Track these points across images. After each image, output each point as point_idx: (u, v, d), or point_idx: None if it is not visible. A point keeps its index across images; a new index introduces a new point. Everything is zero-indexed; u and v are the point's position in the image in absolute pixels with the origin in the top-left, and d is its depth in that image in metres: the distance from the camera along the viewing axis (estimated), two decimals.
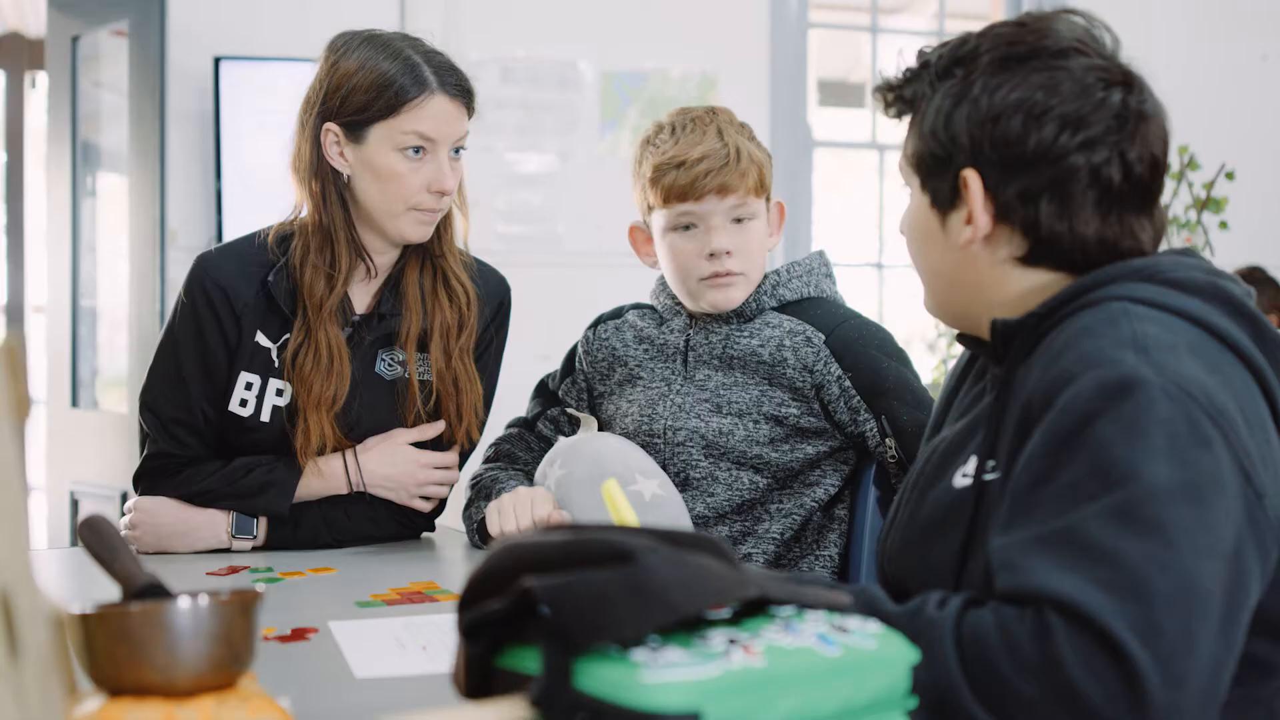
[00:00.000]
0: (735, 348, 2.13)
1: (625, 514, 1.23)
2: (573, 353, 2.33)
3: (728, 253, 2.07)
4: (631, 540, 0.96)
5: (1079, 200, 1.35)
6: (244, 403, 2.13)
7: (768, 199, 2.14)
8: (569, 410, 2.30)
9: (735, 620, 1.03)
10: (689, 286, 2.13)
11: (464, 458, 2.26)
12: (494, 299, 2.26)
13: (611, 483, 1.25)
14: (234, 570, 1.98)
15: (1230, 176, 4.70)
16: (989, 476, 1.34)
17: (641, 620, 0.92)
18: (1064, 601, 1.13)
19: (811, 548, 2.12)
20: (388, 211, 2.08)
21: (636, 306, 2.30)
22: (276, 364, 2.12)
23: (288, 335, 2.12)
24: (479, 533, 2.11)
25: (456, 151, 2.10)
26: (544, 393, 2.36)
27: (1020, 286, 1.40)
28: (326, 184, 2.08)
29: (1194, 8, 5.14)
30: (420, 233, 2.11)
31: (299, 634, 1.55)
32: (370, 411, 2.16)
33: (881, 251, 5.55)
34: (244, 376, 2.13)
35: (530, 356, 4.48)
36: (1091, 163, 1.34)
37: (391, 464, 2.15)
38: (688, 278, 2.12)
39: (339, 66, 2.06)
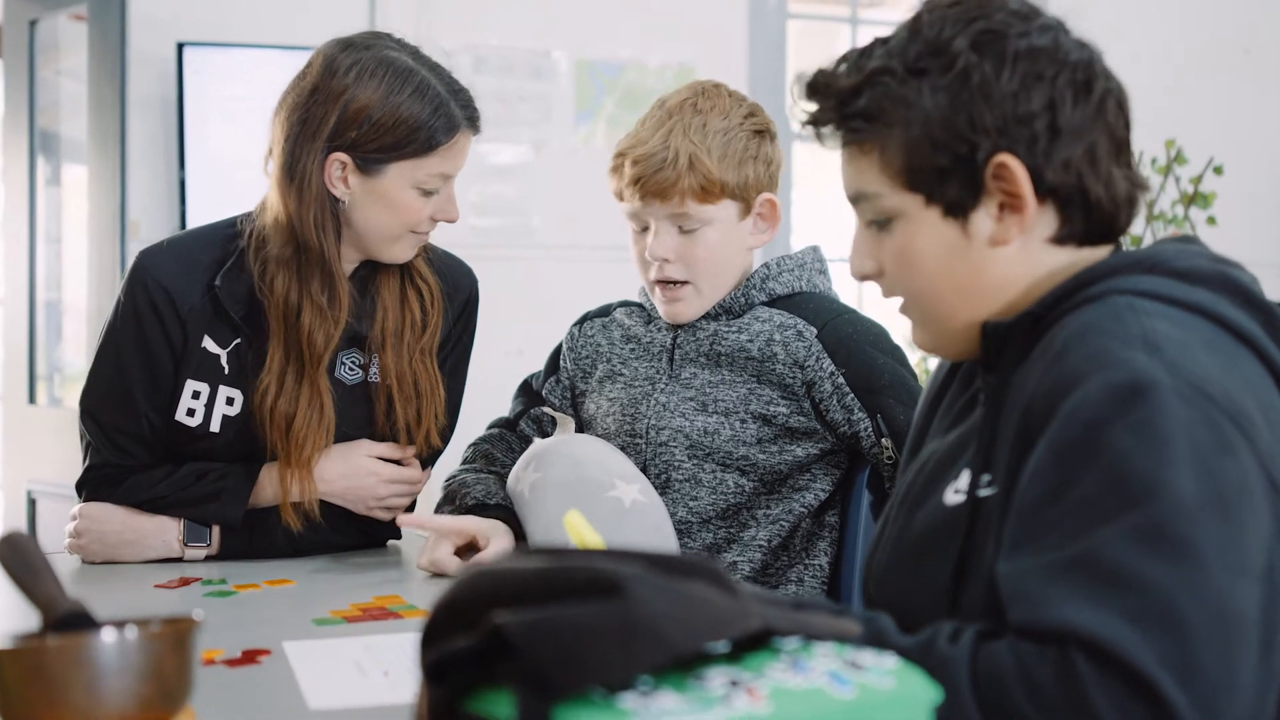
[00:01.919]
0: (723, 344, 2.02)
1: (591, 543, 1.13)
2: (557, 351, 2.23)
3: (666, 260, 1.98)
4: (618, 568, 0.84)
5: (1104, 158, 1.27)
6: (191, 412, 2.00)
7: (745, 202, 2.01)
8: (548, 410, 2.19)
9: (734, 655, 0.91)
10: (648, 285, 2.06)
11: (431, 460, 2.13)
12: (461, 293, 2.14)
13: (574, 514, 1.15)
14: (185, 582, 1.85)
15: (1219, 171, 4.60)
16: (984, 492, 1.22)
17: (631, 661, 0.81)
18: (1090, 638, 1.01)
19: (800, 556, 2.00)
20: (386, 237, 1.97)
21: (625, 304, 2.19)
22: (227, 371, 1.99)
23: (239, 340, 1.99)
24: None
25: None
26: (527, 391, 2.25)
27: (1049, 268, 1.28)
28: (325, 213, 1.94)
29: (1176, 3, 5.06)
30: (408, 255, 2.02)
31: (249, 657, 1.42)
32: (333, 416, 2.03)
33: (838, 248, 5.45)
34: (191, 385, 2.00)
35: (502, 353, 4.39)
36: (1106, 118, 1.27)
37: (349, 475, 2.03)
38: (644, 275, 2.05)
39: (355, 97, 1.89)
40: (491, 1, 4.56)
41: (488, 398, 2.27)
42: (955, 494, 1.26)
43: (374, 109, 1.89)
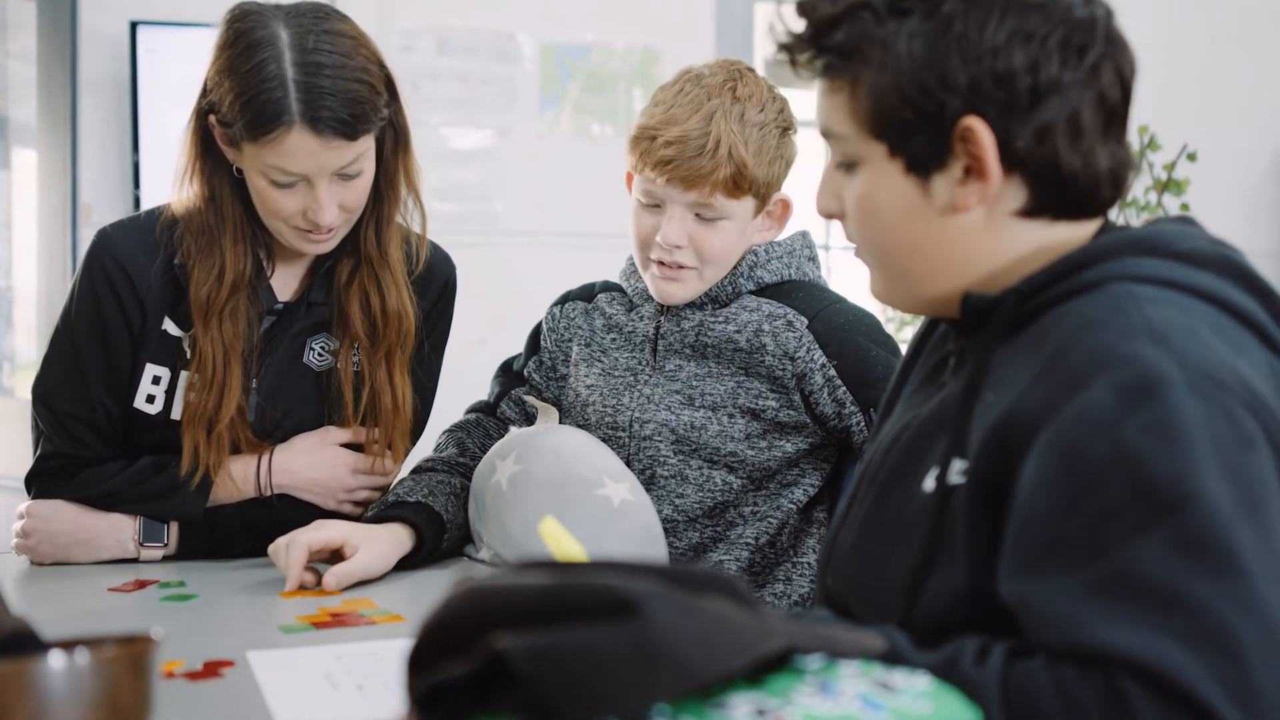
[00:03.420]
0: (709, 334, 1.93)
1: (573, 553, 1.05)
2: (537, 331, 2.14)
3: (678, 246, 1.89)
4: (633, 585, 0.75)
5: (1090, 130, 1.16)
6: (151, 399, 1.90)
7: (763, 200, 1.91)
8: (530, 399, 2.08)
9: (755, 678, 0.82)
10: (641, 260, 1.96)
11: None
12: (437, 279, 2.04)
13: (550, 522, 1.07)
14: (141, 585, 1.75)
15: (1192, 158, 4.56)
16: (956, 479, 1.13)
17: (649, 689, 0.72)
18: (1139, 662, 0.93)
19: (787, 553, 1.93)
20: (266, 219, 1.85)
21: (607, 288, 2.10)
22: (189, 355, 1.89)
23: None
24: None
25: (354, 175, 1.83)
26: (507, 373, 2.16)
27: (1021, 244, 1.19)
28: (217, 173, 1.84)
29: None
30: (314, 249, 1.87)
31: (211, 669, 1.33)
32: (299, 405, 1.95)
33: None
34: (150, 369, 1.89)
35: (465, 342, 4.28)
36: (1099, 86, 1.16)
37: (318, 466, 1.93)
38: (642, 252, 1.94)
39: (213, 61, 1.78)
40: None
41: (450, 387, 2.17)
42: (934, 480, 1.17)
43: (217, 79, 1.77)
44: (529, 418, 2.08)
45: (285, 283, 1.95)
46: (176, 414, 1.89)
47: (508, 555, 1.83)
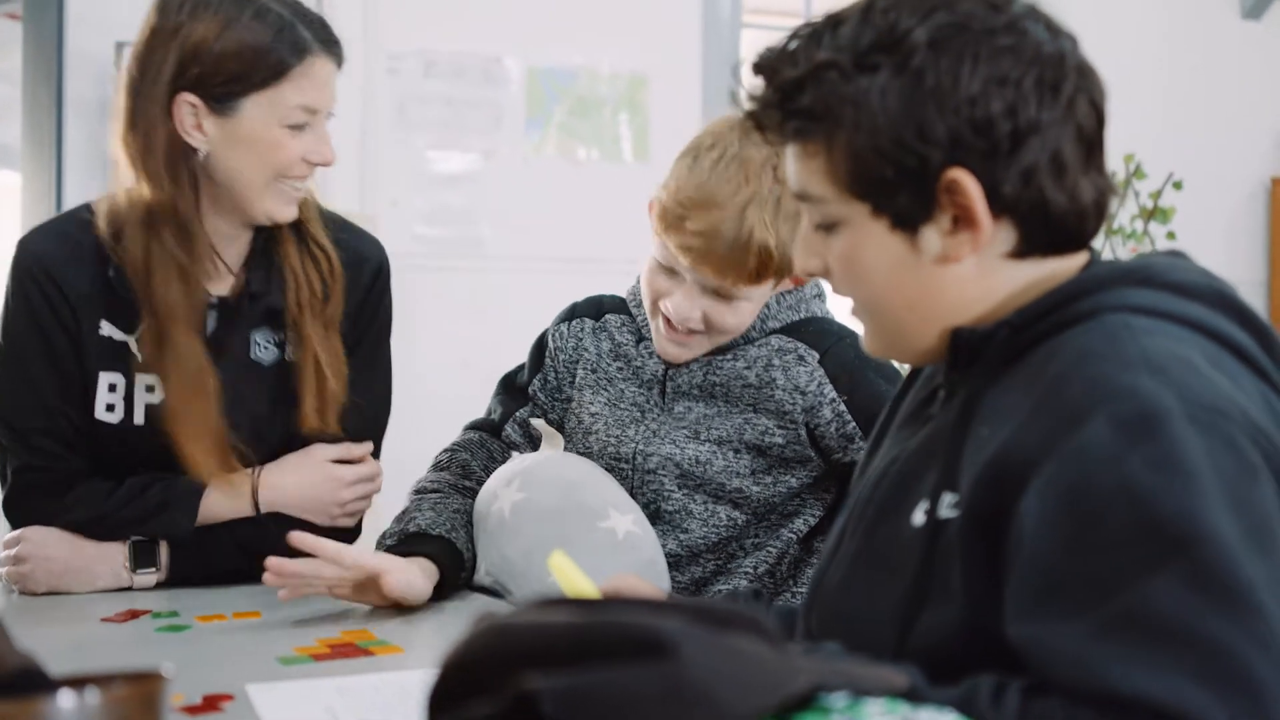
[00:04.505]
0: (718, 373, 1.89)
1: (583, 589, 1.04)
2: (542, 344, 2.06)
3: (690, 319, 1.83)
4: (663, 623, 0.74)
5: (1072, 165, 1.15)
6: (110, 407, 1.87)
7: (782, 278, 1.84)
8: (538, 423, 2.03)
9: (782, 717, 0.80)
10: (650, 309, 1.89)
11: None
12: (370, 264, 1.99)
13: (560, 556, 1.07)
14: (133, 615, 1.72)
15: (1178, 186, 4.58)
16: (947, 513, 1.11)
17: None
18: (1161, 706, 0.92)
19: (787, 582, 1.90)
20: (254, 186, 1.82)
21: (616, 308, 2.03)
22: (141, 358, 1.86)
23: (145, 324, 1.84)
24: None
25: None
26: (510, 389, 2.08)
27: (1013, 283, 1.17)
28: (178, 164, 1.81)
29: (1137, 15, 5.02)
30: (287, 212, 1.86)
31: (211, 703, 1.30)
32: (254, 403, 1.90)
33: None
34: (105, 377, 1.87)
35: (448, 365, 4.28)
36: (1076, 120, 1.14)
37: (311, 484, 1.91)
38: (652, 303, 1.88)
39: (192, 31, 1.77)
40: (441, 6, 4.46)
41: (435, 408, 2.14)
42: (924, 515, 1.15)
43: (213, 40, 1.76)
44: (534, 440, 2.05)
45: (217, 285, 1.91)
46: (139, 419, 1.86)
47: (508, 583, 1.81)
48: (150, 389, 1.87)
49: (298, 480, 1.91)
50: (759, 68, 1.20)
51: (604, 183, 4.56)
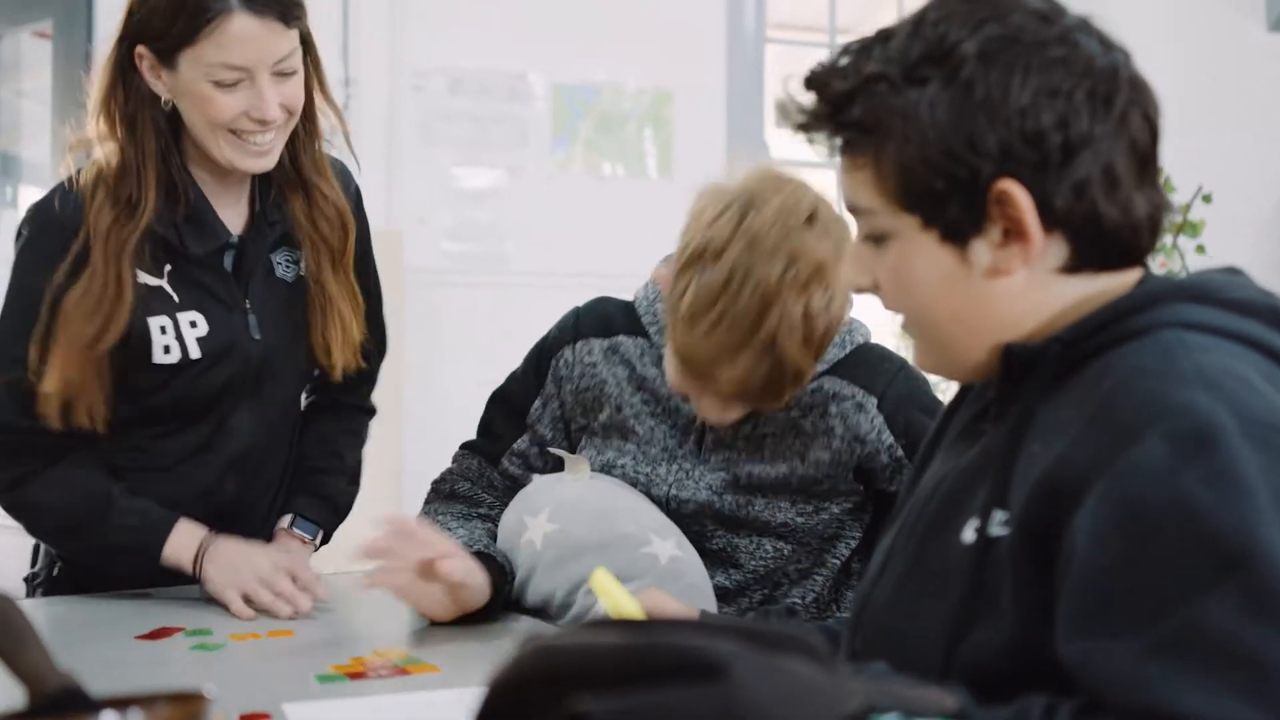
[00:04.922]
0: (767, 426, 1.80)
1: (627, 608, 1.03)
2: (542, 366, 1.93)
3: (723, 421, 1.77)
4: (715, 644, 0.73)
5: (1125, 179, 1.13)
6: (167, 349, 1.90)
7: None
8: (552, 449, 1.90)
9: None
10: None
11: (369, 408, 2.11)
12: (351, 189, 2.07)
13: (602, 573, 1.05)
14: (166, 632, 1.71)
15: (1207, 200, 4.55)
16: (997, 531, 1.10)
17: None
18: None
19: (829, 608, 1.86)
20: (204, 135, 1.85)
21: (628, 327, 1.89)
22: (176, 299, 1.90)
23: (169, 267, 1.90)
24: None
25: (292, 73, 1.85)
26: (505, 408, 1.95)
27: (1065, 298, 1.16)
28: (139, 111, 1.84)
29: (1162, 28, 5.01)
30: (251, 163, 1.87)
31: None
32: (279, 315, 1.98)
33: None
34: (153, 321, 1.89)
35: (474, 383, 4.26)
36: (1129, 134, 1.13)
37: (256, 553, 1.90)
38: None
39: None
40: (467, 23, 4.46)
41: (460, 423, 2.11)
42: (974, 532, 1.14)
43: (140, 1, 1.81)
44: (534, 471, 1.93)
45: (232, 221, 1.95)
46: (195, 353, 1.90)
47: (550, 617, 1.78)
48: (194, 324, 1.91)
49: (244, 548, 1.90)
50: (810, 82, 1.19)
51: (629, 198, 4.56)
